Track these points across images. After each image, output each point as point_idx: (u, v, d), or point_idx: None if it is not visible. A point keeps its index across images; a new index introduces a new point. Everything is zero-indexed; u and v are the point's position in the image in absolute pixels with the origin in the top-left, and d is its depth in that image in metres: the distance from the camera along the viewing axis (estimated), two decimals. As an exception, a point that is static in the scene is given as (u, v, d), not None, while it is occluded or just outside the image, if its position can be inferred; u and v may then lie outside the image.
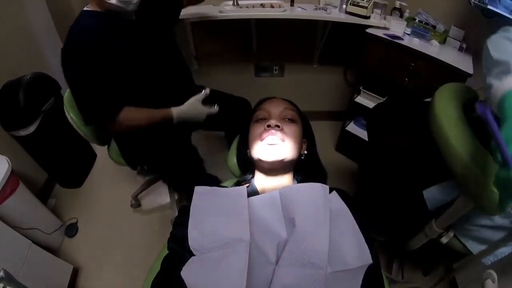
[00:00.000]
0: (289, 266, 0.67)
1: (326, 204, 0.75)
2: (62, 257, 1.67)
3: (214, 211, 0.77)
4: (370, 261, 0.69)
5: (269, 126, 0.86)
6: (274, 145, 0.84)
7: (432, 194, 1.10)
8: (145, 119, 1.32)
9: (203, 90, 1.38)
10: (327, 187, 0.79)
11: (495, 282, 0.79)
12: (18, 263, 1.28)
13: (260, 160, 0.86)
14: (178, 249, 0.75)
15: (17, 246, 1.33)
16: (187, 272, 0.67)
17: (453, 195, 1.04)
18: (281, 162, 0.85)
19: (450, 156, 0.92)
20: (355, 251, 0.69)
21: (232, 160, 1.14)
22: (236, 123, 1.39)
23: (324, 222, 0.70)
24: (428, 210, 1.14)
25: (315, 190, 0.79)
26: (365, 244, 0.71)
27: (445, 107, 1.03)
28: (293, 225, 0.72)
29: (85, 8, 1.21)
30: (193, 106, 1.35)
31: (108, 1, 1.14)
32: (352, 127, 2.33)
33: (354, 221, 0.75)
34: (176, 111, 1.33)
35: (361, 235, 0.72)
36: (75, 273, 1.67)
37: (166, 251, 0.83)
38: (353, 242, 0.71)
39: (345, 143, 2.44)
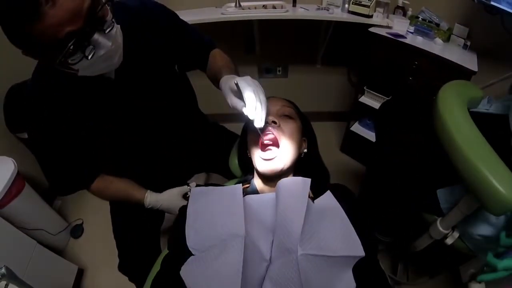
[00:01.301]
0: (275, 260, 0.68)
1: (304, 194, 0.75)
2: (67, 257, 1.69)
3: (210, 210, 0.78)
4: (360, 253, 0.68)
5: (266, 122, 0.86)
6: (272, 159, 0.83)
7: (445, 194, 1.08)
8: (121, 197, 1.11)
9: (190, 185, 1.15)
10: (308, 180, 0.79)
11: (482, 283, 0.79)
12: (23, 263, 1.30)
13: (258, 171, 0.87)
14: (178, 249, 0.76)
15: (22, 246, 1.35)
16: (186, 272, 0.68)
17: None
18: (280, 171, 0.84)
19: (455, 155, 0.91)
20: (340, 241, 0.69)
21: (234, 161, 1.14)
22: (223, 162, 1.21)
23: (300, 210, 0.70)
24: (433, 213, 1.13)
25: (295, 182, 0.80)
26: (356, 237, 0.70)
27: (449, 105, 1.02)
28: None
29: None
30: (172, 199, 1.11)
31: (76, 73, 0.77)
32: (356, 128, 2.32)
33: (346, 217, 0.74)
34: (150, 199, 1.09)
35: (352, 230, 0.72)
36: (80, 274, 1.69)
37: (167, 251, 0.84)
38: (340, 234, 0.70)
39: (350, 143, 2.43)
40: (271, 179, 0.89)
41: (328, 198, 0.81)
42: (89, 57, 0.71)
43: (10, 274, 0.89)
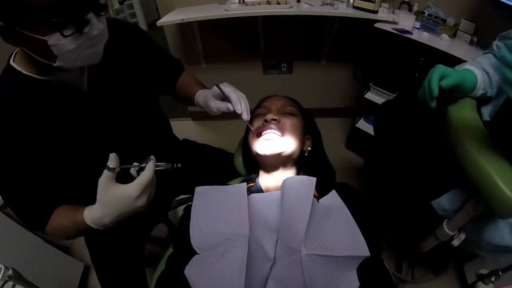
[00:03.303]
0: (279, 259, 0.68)
1: (309, 193, 0.75)
2: (73, 255, 1.70)
3: (214, 209, 0.78)
4: (365, 253, 0.68)
5: (266, 121, 0.87)
6: (271, 139, 0.84)
7: (440, 204, 1.07)
8: (71, 229, 0.82)
9: (149, 158, 0.77)
10: (313, 179, 0.80)
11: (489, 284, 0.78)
12: (30, 262, 1.31)
13: (258, 155, 0.87)
14: (182, 248, 0.76)
15: (29, 244, 1.36)
16: (191, 271, 0.69)
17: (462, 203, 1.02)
18: (279, 156, 0.85)
19: (462, 155, 0.90)
20: (345, 241, 0.69)
21: (239, 159, 1.14)
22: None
23: (305, 210, 0.70)
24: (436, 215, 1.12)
25: (300, 181, 0.80)
26: (361, 237, 0.70)
27: (458, 107, 1.00)
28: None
29: (11, 63, 0.76)
30: (107, 195, 0.73)
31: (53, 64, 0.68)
32: (362, 124, 2.30)
33: (351, 217, 0.74)
34: (90, 215, 0.76)
35: (357, 229, 0.72)
36: (87, 271, 1.70)
37: (172, 250, 0.84)
38: (345, 234, 0.70)
39: (355, 140, 2.41)
40: (272, 168, 0.89)
41: (333, 198, 0.81)
42: (84, 30, 0.65)
43: (16, 275, 0.90)
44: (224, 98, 0.89)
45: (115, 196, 0.72)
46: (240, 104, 0.85)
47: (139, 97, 0.99)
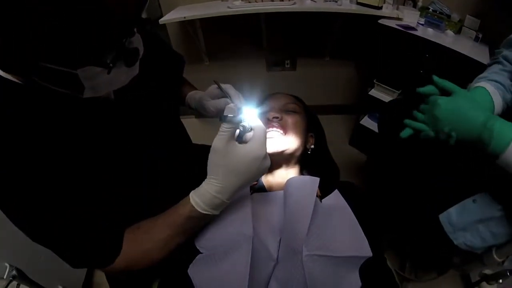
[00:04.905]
0: (282, 260, 0.69)
1: (312, 194, 0.75)
2: (78, 253, 1.70)
3: None
4: (367, 253, 0.68)
5: (268, 119, 0.87)
6: (273, 138, 0.84)
7: (449, 217, 1.00)
8: (169, 237, 0.67)
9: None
10: (316, 179, 0.79)
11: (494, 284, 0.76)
12: (34, 261, 1.31)
13: None
14: (185, 248, 0.76)
15: (33, 243, 1.36)
16: (194, 270, 0.69)
17: (476, 215, 0.94)
18: (282, 154, 0.85)
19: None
20: (347, 241, 0.69)
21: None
22: None
23: (307, 210, 0.70)
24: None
25: (303, 181, 0.81)
26: (364, 237, 0.70)
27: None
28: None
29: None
30: (232, 158, 0.61)
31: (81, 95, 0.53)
32: (366, 121, 2.28)
33: (353, 217, 0.75)
34: (204, 196, 0.63)
35: (360, 229, 0.72)
36: (91, 269, 1.70)
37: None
38: (347, 234, 0.71)
39: (359, 137, 2.40)
40: (275, 166, 0.89)
41: (336, 197, 0.81)
42: (134, 64, 0.55)
43: (21, 275, 0.90)
44: (221, 97, 0.86)
45: (242, 158, 0.59)
46: (240, 100, 0.82)
47: (161, 103, 0.89)
